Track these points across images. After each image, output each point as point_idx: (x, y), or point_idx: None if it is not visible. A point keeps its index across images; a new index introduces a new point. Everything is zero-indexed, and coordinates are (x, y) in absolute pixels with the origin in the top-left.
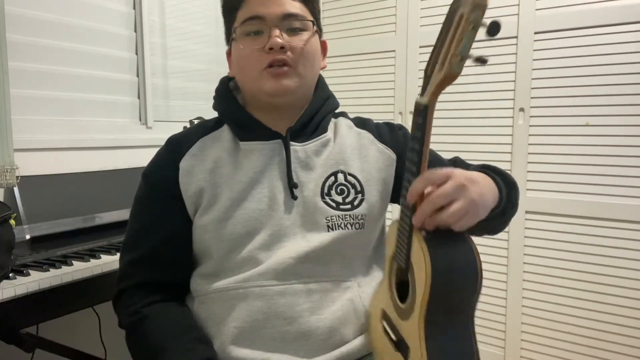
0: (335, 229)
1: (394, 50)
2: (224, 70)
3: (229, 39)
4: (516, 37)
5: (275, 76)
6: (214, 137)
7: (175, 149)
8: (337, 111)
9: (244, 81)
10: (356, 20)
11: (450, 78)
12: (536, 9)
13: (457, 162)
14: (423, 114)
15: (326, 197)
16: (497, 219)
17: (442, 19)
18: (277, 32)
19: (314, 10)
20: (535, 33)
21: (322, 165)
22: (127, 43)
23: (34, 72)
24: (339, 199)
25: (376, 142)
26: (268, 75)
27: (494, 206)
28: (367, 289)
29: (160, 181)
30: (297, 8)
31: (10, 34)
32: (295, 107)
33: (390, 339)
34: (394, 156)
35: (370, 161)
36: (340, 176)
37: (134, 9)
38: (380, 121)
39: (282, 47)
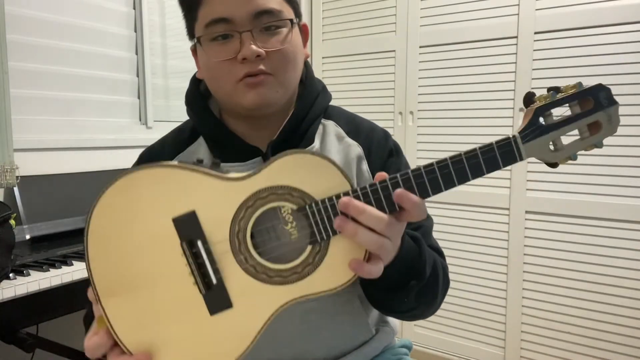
0: None
1: (394, 50)
2: None
3: (191, 35)
4: (516, 37)
5: (253, 86)
6: (190, 154)
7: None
8: (330, 103)
9: (216, 92)
10: (356, 20)
11: (550, 164)
12: (536, 9)
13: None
14: (510, 160)
15: None
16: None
17: (442, 18)
18: (250, 38)
19: None
20: (535, 33)
21: None
22: (127, 43)
23: (34, 72)
24: None
25: (363, 161)
26: (245, 88)
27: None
28: (368, 304)
29: None
30: (270, 1)
31: (10, 34)
32: (278, 114)
33: (201, 271)
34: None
35: (354, 179)
36: None
37: (134, 9)
38: (380, 126)
39: (258, 56)
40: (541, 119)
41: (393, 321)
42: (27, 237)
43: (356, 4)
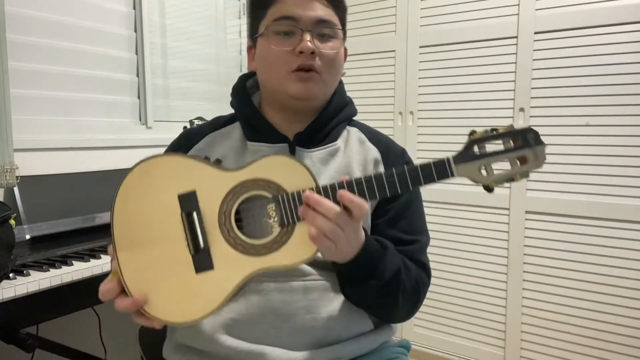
0: None
1: (394, 50)
2: (224, 70)
3: (253, 33)
4: (516, 37)
5: (302, 80)
6: (225, 133)
7: (183, 142)
8: (354, 118)
9: (267, 79)
10: (356, 20)
11: (484, 186)
12: (536, 9)
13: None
14: (443, 175)
15: None
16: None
17: (442, 18)
18: (309, 36)
19: (343, 19)
20: (535, 33)
21: (327, 176)
22: (127, 43)
23: (34, 72)
24: None
25: (379, 165)
26: (294, 78)
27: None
28: None
29: None
30: (330, 15)
31: (10, 34)
32: (311, 112)
33: (193, 236)
34: None
35: None
36: None
37: (134, 9)
38: (398, 143)
39: (312, 52)
40: (475, 149)
41: None
42: (27, 237)
43: (356, 4)
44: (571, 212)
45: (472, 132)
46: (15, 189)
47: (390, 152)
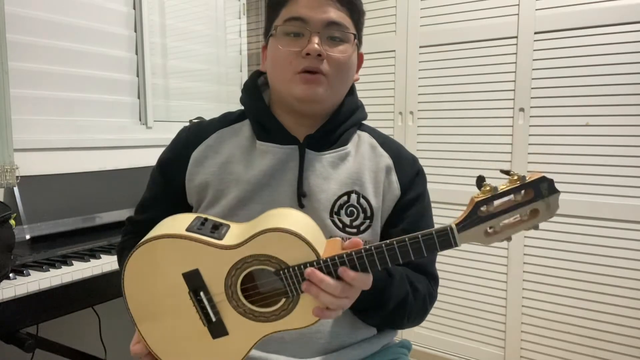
0: None
1: (394, 50)
2: (224, 71)
3: (267, 33)
4: (516, 37)
5: (307, 82)
6: (234, 130)
7: (192, 137)
8: (364, 122)
9: (274, 80)
10: None
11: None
12: (536, 9)
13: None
14: (445, 245)
15: (334, 216)
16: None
17: (442, 18)
18: (317, 38)
19: (358, 23)
20: (535, 33)
21: (337, 180)
22: (127, 43)
23: (34, 72)
24: (347, 220)
25: (392, 172)
26: (300, 80)
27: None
28: None
29: (168, 170)
30: (342, 18)
31: (10, 34)
32: (320, 115)
33: (204, 311)
34: (398, 193)
35: (382, 189)
36: (354, 197)
37: (134, 9)
38: (409, 150)
39: (319, 55)
40: (482, 208)
41: None
42: (27, 237)
43: None
44: (571, 212)
45: (480, 181)
46: (15, 189)
47: (402, 159)
